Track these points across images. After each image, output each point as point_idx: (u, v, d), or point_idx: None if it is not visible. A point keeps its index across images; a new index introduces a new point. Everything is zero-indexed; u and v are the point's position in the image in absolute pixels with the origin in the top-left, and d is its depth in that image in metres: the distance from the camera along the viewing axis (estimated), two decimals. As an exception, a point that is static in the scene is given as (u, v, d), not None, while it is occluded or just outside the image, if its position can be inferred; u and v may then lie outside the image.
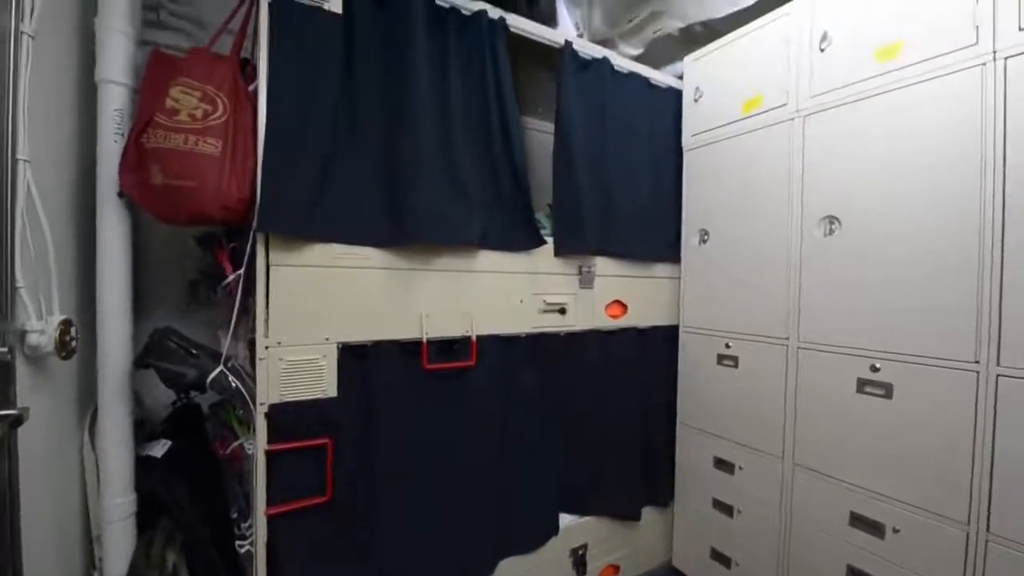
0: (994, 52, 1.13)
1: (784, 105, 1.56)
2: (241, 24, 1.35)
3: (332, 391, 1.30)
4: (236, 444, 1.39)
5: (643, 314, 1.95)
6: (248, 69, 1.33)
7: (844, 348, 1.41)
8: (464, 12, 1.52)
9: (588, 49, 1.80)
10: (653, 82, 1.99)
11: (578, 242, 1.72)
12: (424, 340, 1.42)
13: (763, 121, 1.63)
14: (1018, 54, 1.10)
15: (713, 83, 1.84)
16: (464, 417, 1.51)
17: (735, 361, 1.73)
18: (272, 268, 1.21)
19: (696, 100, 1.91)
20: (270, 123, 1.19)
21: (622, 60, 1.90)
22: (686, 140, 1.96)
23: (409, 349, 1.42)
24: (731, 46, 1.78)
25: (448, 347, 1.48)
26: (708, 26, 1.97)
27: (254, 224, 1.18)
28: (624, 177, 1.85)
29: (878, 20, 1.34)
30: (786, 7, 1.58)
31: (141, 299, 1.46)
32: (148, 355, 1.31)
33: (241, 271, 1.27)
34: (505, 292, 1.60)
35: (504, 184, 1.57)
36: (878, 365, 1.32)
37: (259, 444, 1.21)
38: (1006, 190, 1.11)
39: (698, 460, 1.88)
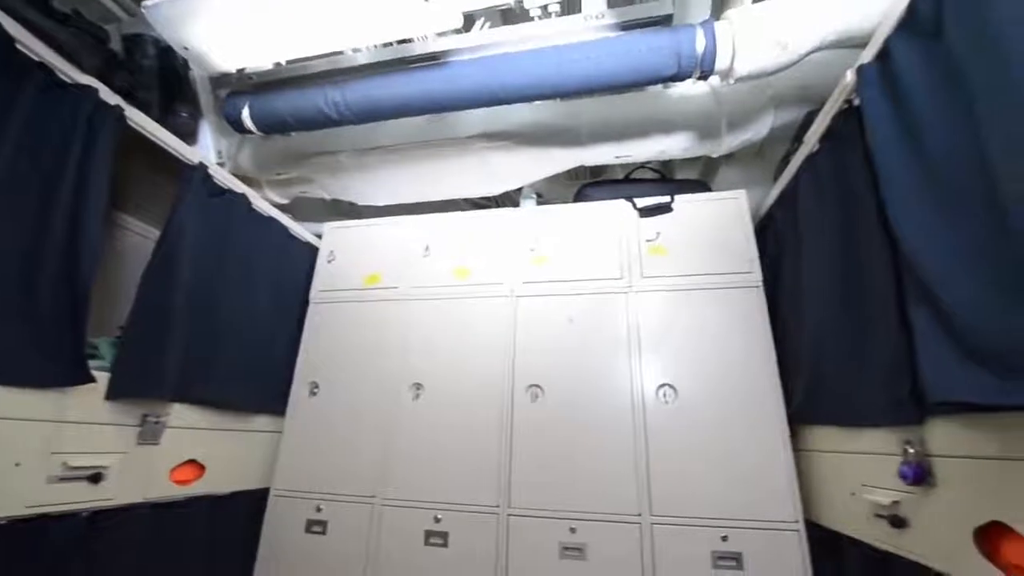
0: (512, 291, 1.80)
1: (396, 287, 1.92)
2: None
3: None
4: None
5: (226, 477, 1.64)
6: None
7: (418, 502, 1.59)
8: (63, 78, 1.21)
9: (226, 179, 1.73)
10: (292, 232, 2.07)
11: (151, 382, 1.36)
12: None
13: (380, 295, 1.93)
14: (523, 296, 1.79)
15: (347, 251, 2.08)
16: None
17: (324, 527, 1.64)
18: None
19: (330, 261, 2.08)
20: None
21: (263, 203, 1.92)
22: (314, 293, 2.04)
23: None
24: (365, 228, 2.12)
25: None
26: (353, 205, 2.30)
27: None
28: (237, 315, 1.70)
29: (458, 249, 1.93)
30: (403, 218, 2.06)
31: None
32: None
33: None
34: (-14, 450, 1.02)
35: (43, 288, 1.13)
36: (439, 516, 1.55)
37: None
38: (515, 380, 1.66)
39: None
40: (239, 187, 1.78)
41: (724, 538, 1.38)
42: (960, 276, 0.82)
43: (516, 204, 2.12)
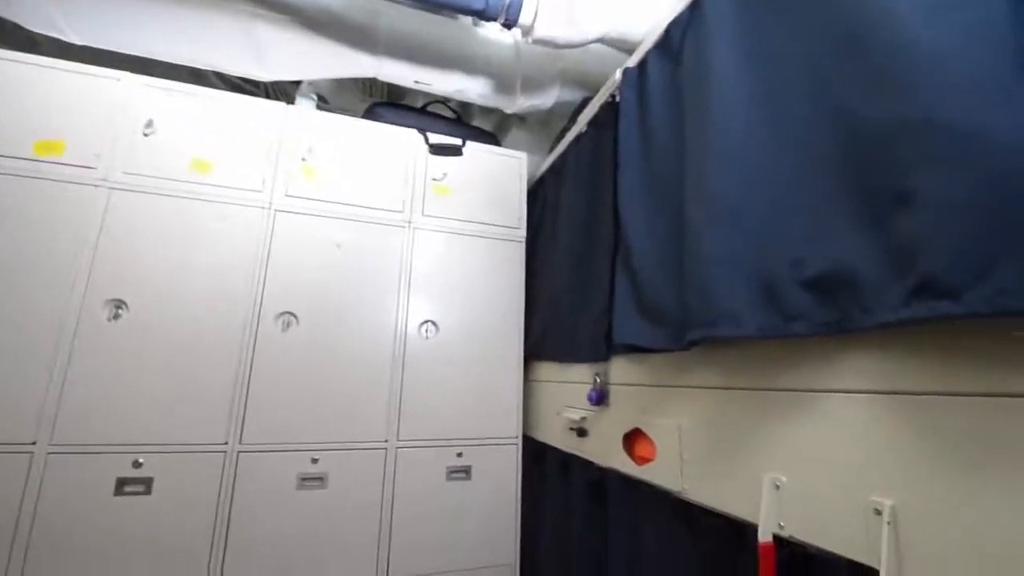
0: (270, 202, 1.54)
1: (92, 168, 1.39)
2: None
3: None
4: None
5: None
6: None
7: (110, 446, 1.27)
8: None
9: None
10: None
11: None
12: None
13: (58, 173, 1.36)
14: (284, 210, 1.54)
15: (2, 97, 1.38)
16: None
17: (-69, 489, 1.15)
18: None
19: (-42, 104, 1.35)
20: None
21: None
22: (-76, 149, 1.30)
23: None
24: (44, 70, 1.43)
25: None
26: (23, 30, 1.51)
27: None
28: None
29: (201, 136, 1.51)
30: (120, 73, 1.48)
31: None
32: None
33: None
34: None
35: None
36: (141, 460, 1.28)
37: None
38: (263, 305, 1.46)
39: None
40: None
41: (459, 454, 1.57)
42: (650, 254, 1.08)
43: (292, 101, 1.79)
